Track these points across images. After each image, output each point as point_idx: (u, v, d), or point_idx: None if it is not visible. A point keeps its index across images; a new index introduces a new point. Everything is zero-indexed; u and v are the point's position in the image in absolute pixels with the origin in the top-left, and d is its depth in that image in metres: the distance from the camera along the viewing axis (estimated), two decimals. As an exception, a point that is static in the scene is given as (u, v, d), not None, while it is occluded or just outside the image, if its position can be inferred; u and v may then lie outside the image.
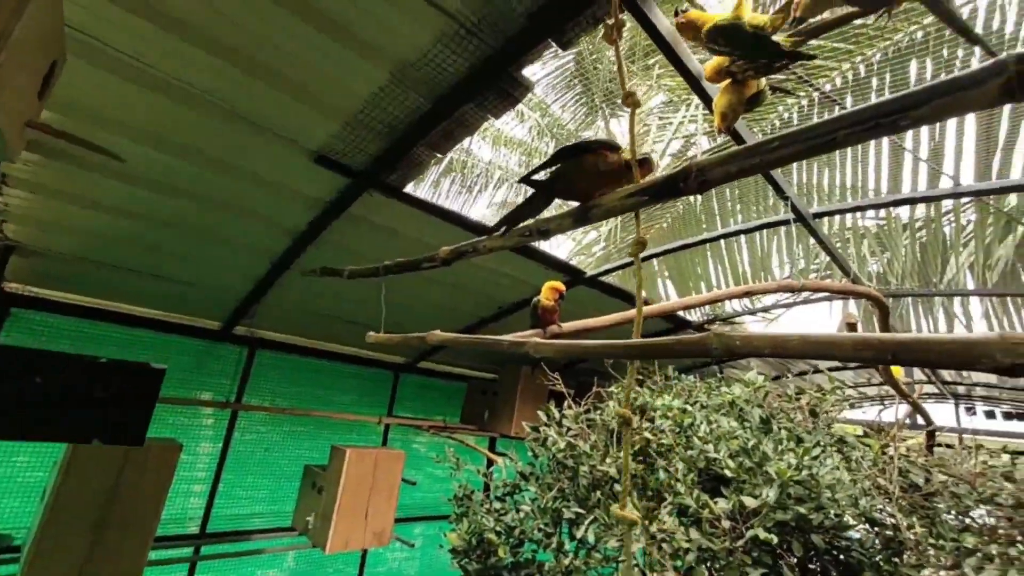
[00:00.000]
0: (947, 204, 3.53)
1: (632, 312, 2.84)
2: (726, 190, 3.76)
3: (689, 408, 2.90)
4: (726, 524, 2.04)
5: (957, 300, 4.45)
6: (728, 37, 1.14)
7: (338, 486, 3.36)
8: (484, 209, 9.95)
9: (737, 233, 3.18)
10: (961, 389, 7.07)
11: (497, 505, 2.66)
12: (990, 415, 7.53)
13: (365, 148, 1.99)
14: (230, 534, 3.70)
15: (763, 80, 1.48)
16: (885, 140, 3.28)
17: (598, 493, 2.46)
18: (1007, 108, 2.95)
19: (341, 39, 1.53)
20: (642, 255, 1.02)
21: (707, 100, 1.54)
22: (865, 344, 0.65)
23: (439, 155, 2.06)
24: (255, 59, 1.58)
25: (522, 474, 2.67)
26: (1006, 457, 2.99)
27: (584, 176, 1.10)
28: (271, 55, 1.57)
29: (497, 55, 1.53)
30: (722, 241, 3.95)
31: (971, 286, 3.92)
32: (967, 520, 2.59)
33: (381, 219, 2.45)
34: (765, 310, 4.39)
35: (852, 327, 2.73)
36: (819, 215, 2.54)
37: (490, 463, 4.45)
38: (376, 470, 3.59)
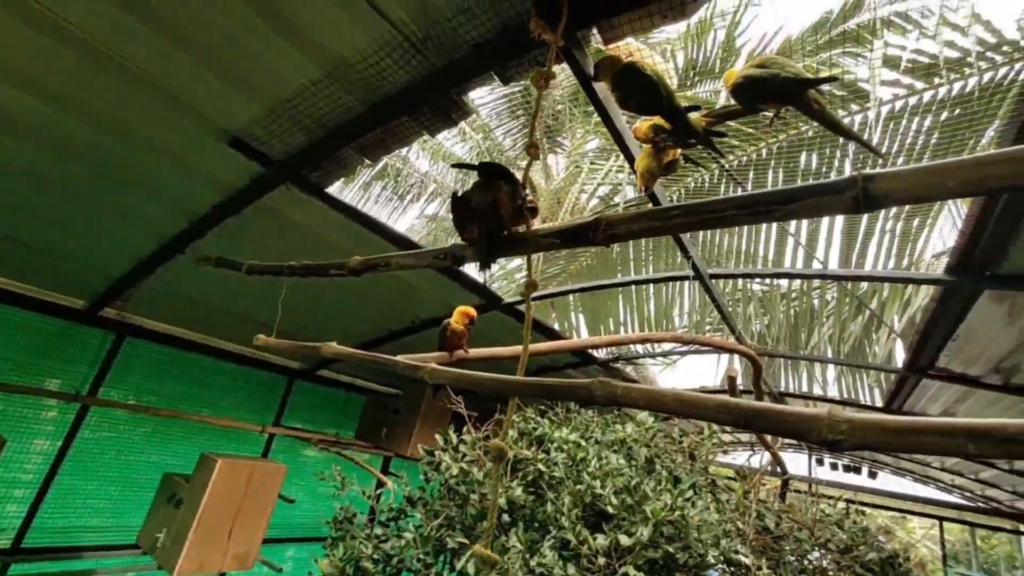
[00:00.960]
0: (816, 281, 4.08)
1: (539, 345, 2.90)
2: (642, 241, 4.05)
3: (583, 443, 3.00)
4: (601, 561, 2.10)
5: (817, 364, 5.12)
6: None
7: (201, 500, 3.00)
8: (414, 219, 9.78)
9: (646, 282, 3.41)
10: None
11: (379, 531, 2.52)
12: (834, 467, 8.63)
13: (288, 140, 1.88)
14: (53, 550, 3.13)
15: (679, 151, 1.63)
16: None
17: (485, 523, 2.43)
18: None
19: (279, 25, 1.44)
20: (560, 290, 1.05)
21: (629, 157, 1.66)
22: (725, 407, 0.71)
23: (369, 161, 2.00)
24: (181, 28, 1.45)
25: (409, 499, 2.57)
26: (841, 506, 3.43)
27: (502, 206, 1.12)
28: (200, 28, 1.45)
29: (439, 75, 1.53)
30: (633, 287, 4.21)
31: (829, 354, 4.54)
32: (805, 562, 2.92)
33: (297, 216, 2.30)
34: (664, 355, 4.71)
35: (732, 380, 3.01)
36: (715, 276, 2.81)
37: (380, 485, 4.24)
38: (250, 484, 3.26)
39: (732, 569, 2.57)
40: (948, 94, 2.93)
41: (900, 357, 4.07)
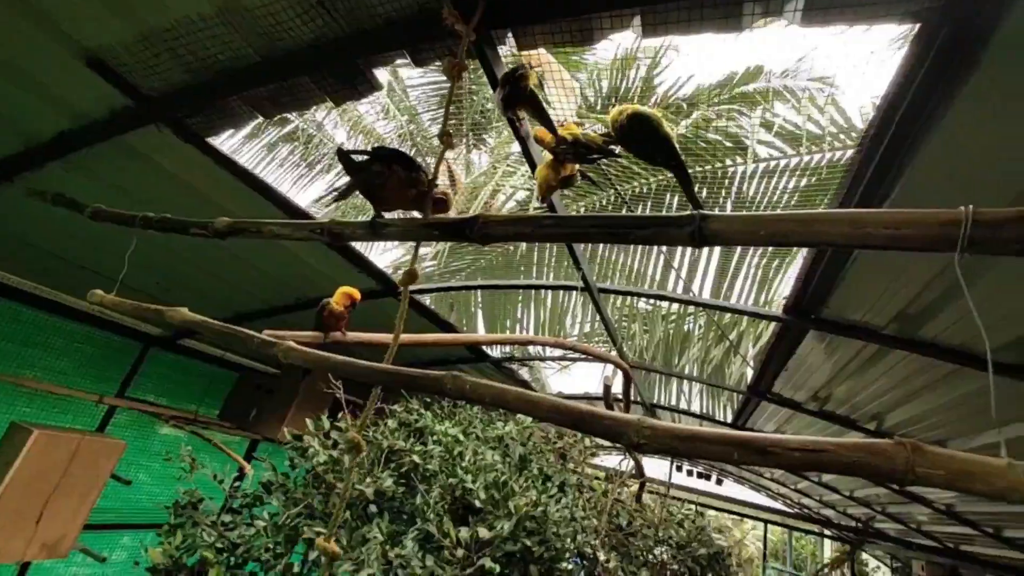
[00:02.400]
0: (691, 308, 4.55)
1: (419, 336, 2.88)
2: (546, 249, 4.20)
3: (463, 438, 3.04)
4: (460, 553, 2.14)
5: (685, 382, 5.70)
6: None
7: (4, 477, 2.53)
8: (321, 190, 9.15)
9: (539, 287, 3.54)
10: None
11: (227, 518, 2.32)
12: (690, 473, 9.66)
13: (164, 74, 1.66)
14: None
15: (577, 166, 1.71)
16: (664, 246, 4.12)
17: (348, 513, 2.35)
18: (738, 248, 4.01)
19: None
20: (464, 285, 1.04)
21: (532, 164, 1.71)
22: (556, 409, 0.76)
23: (261, 117, 1.83)
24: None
25: (265, 484, 2.40)
26: (689, 508, 3.85)
27: (390, 187, 1.09)
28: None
29: (347, 41, 1.45)
30: (532, 291, 4.35)
31: (695, 374, 5.09)
32: (650, 556, 3.23)
33: (169, 163, 2.04)
34: (554, 359, 4.93)
35: (607, 388, 3.24)
36: (604, 290, 3.01)
37: (242, 471, 3.91)
38: (74, 461, 2.82)
39: (585, 563, 2.77)
40: (808, 163, 3.44)
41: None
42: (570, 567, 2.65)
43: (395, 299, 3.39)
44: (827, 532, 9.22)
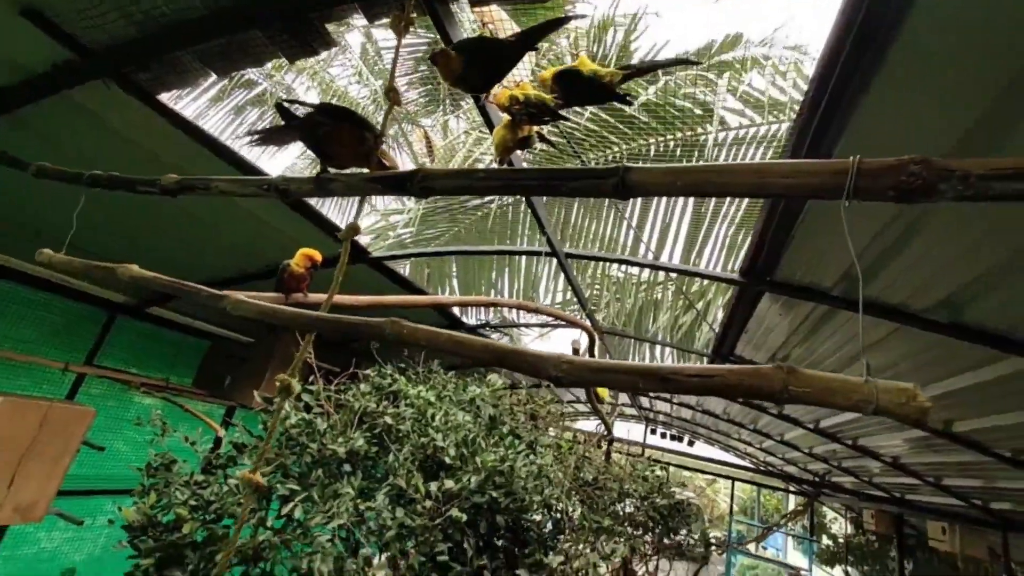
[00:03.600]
0: (661, 276, 4.66)
1: (382, 298, 2.90)
2: (520, 216, 4.22)
3: (435, 400, 3.12)
4: (428, 504, 2.24)
5: (658, 347, 5.88)
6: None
7: (-31, 443, 2.53)
8: (295, 158, 8.91)
9: (509, 253, 3.58)
10: (651, 415, 9.28)
11: (200, 478, 2.37)
12: (663, 436, 10.05)
13: (107, 27, 1.59)
14: None
15: (535, 127, 1.72)
16: (636, 212, 4.18)
17: (320, 471, 2.42)
18: (708, 216, 4.09)
19: None
20: (435, 251, 1.07)
21: (490, 125, 1.72)
22: (486, 348, 0.81)
23: (214, 73, 1.78)
24: None
25: (236, 445, 2.45)
26: (659, 470, 4.05)
27: (339, 143, 1.10)
28: None
29: (296, -6, 1.42)
30: (507, 259, 4.39)
31: (666, 339, 5.27)
32: (614, 508, 3.41)
33: (118, 121, 1.98)
34: (528, 325, 5.02)
35: (576, 350, 3.34)
36: (570, 255, 3.07)
37: (219, 440, 3.94)
38: (43, 428, 2.82)
39: (553, 514, 2.91)
40: (777, 131, 3.50)
41: (716, 345, 4.83)
42: (537, 518, 2.78)
43: (367, 266, 3.40)
44: (791, 488, 9.80)
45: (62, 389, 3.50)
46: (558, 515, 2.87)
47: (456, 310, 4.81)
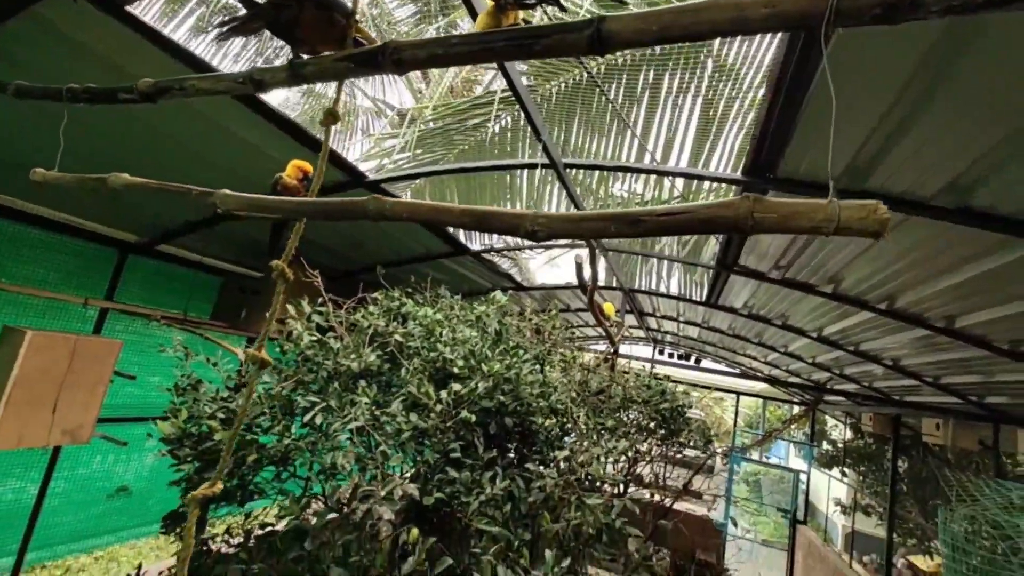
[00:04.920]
0: (666, 193, 4.56)
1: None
2: (520, 133, 4.08)
3: (442, 320, 3.21)
4: (439, 408, 2.38)
5: (664, 268, 5.89)
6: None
7: (9, 374, 2.70)
8: (288, 92, 8.57)
9: (506, 167, 3.51)
10: (658, 336, 9.49)
11: (225, 394, 2.54)
12: (671, 356, 10.32)
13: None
14: None
15: (521, 13, 1.62)
16: (640, 122, 4.00)
17: (336, 384, 2.56)
18: (715, 124, 3.91)
19: None
20: (431, 171, 1.05)
21: (472, 11, 1.62)
22: (466, 213, 0.82)
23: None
24: None
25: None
26: (662, 385, 4.19)
27: (306, 26, 1.06)
28: None
29: None
30: (508, 179, 4.31)
31: (673, 253, 5.27)
32: (619, 413, 3.60)
33: (88, 37, 1.90)
34: (531, 247, 5.02)
35: (579, 265, 3.37)
36: (569, 166, 3.00)
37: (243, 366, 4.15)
38: (75, 359, 2.99)
39: (558, 417, 3.08)
40: None
41: (721, 259, 4.81)
42: (543, 421, 2.94)
43: (364, 190, 3.38)
44: (794, 399, 10.17)
45: (87, 326, 3.66)
46: (564, 419, 3.04)
47: (462, 236, 4.82)
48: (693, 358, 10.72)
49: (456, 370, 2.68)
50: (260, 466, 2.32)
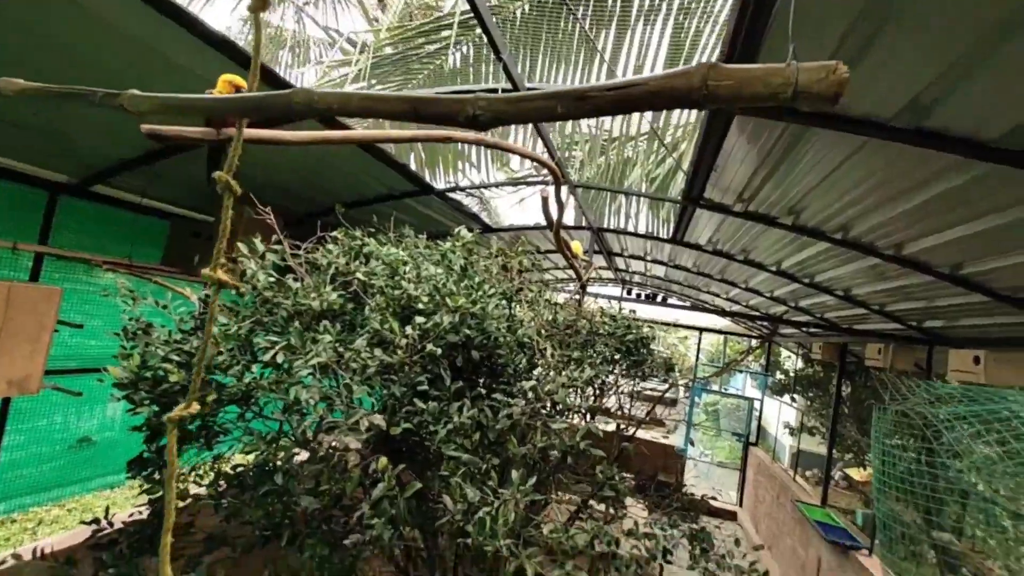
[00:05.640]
0: (634, 129, 4.47)
1: (329, 133, 2.74)
2: (484, 65, 3.84)
3: (406, 257, 3.13)
4: (403, 342, 2.36)
5: (633, 205, 5.88)
6: None
7: (-64, 323, 2.51)
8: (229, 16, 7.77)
9: (466, 91, 3.32)
10: (626, 276, 9.67)
11: (178, 336, 2.44)
12: (638, 297, 10.57)
13: None
14: None
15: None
16: (609, 47, 3.82)
17: (297, 323, 2.49)
18: (687, 47, 3.77)
19: None
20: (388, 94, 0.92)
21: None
22: (404, 100, 0.74)
23: None
24: None
25: (205, 301, 2.48)
26: (624, 316, 4.27)
27: None
28: None
29: None
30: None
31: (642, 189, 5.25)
32: (584, 346, 3.68)
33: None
34: (497, 185, 4.90)
35: (545, 200, 3.30)
36: (531, 90, 2.85)
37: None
38: (11, 307, 2.80)
39: (525, 351, 3.13)
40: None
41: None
42: (510, 354, 2.96)
43: (315, 122, 3.14)
44: (752, 333, 10.71)
45: (22, 275, 3.41)
46: (531, 352, 3.08)
47: (427, 175, 4.63)
48: (659, 297, 11.05)
49: (421, 306, 2.65)
50: (221, 406, 2.28)
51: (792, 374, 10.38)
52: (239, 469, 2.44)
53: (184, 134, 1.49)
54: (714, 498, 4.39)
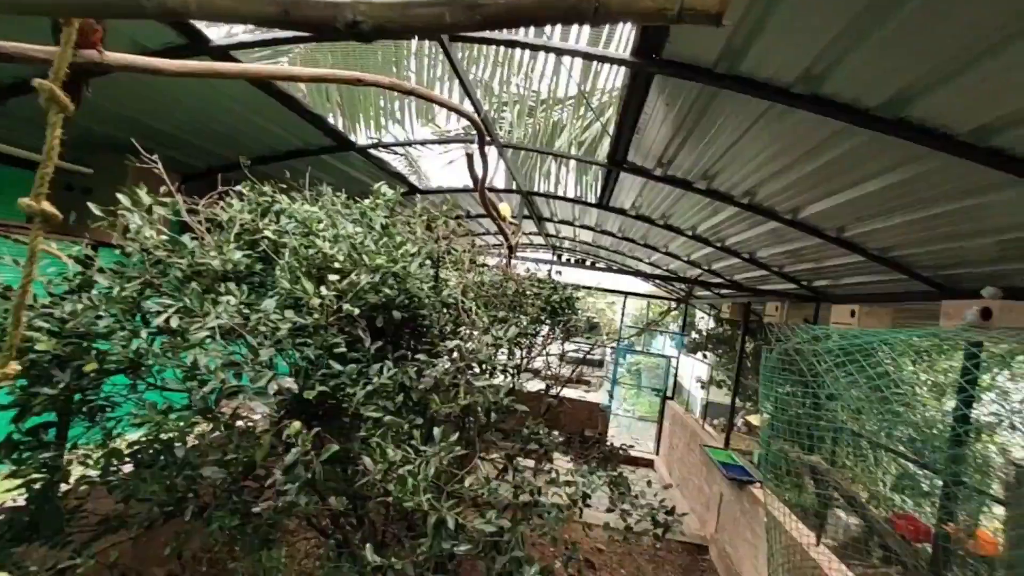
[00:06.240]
0: (562, 92, 4.46)
1: (217, 65, 2.44)
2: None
3: (321, 214, 2.93)
4: (315, 302, 2.23)
5: (562, 170, 5.92)
6: None
7: None
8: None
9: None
10: (557, 242, 9.85)
11: (46, 301, 2.12)
12: (568, 262, 10.83)
13: None
14: None
15: None
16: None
17: (194, 284, 2.26)
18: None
19: None
20: (302, 35, 0.76)
21: None
22: (275, 1, 0.65)
23: None
24: None
25: (80, 260, 2.18)
26: (550, 277, 4.34)
27: None
28: None
29: None
30: (394, 64, 3.84)
31: (569, 161, 5.29)
32: (511, 306, 3.71)
33: None
34: (423, 143, 4.72)
35: (470, 156, 3.22)
36: (456, 39, 2.72)
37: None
38: None
39: (450, 311, 3.08)
40: None
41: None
42: (434, 315, 2.91)
43: (209, 58, 2.80)
44: (670, 296, 11.46)
45: None
46: (456, 313, 3.04)
47: (341, 127, 4.32)
48: (588, 263, 11.42)
49: (338, 265, 2.50)
50: (104, 376, 2.04)
51: (704, 333, 11.28)
52: (136, 448, 2.23)
53: (29, 53, 1.23)
54: (631, 447, 4.77)
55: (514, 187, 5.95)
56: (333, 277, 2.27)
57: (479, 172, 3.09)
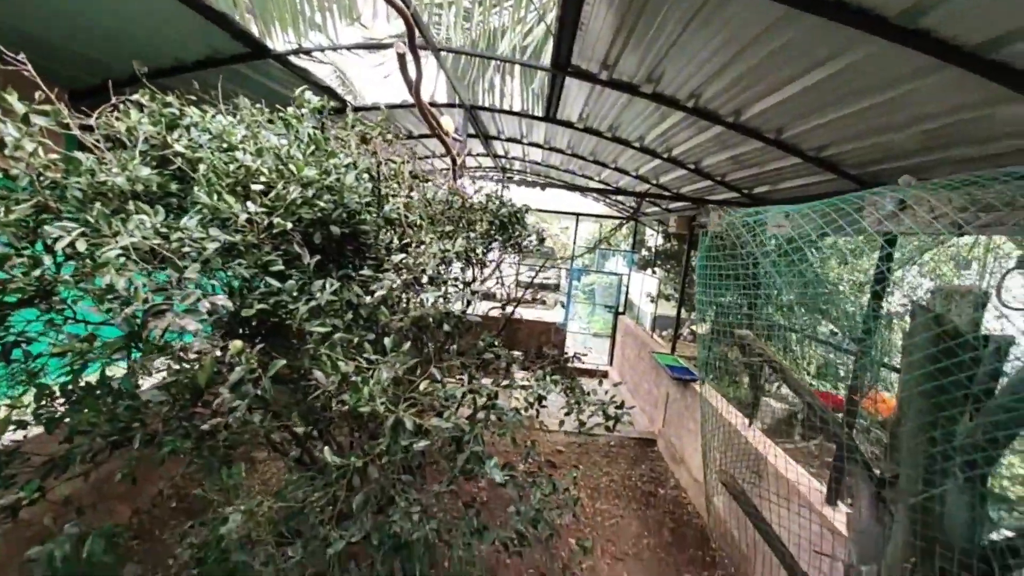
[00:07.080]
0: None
1: None
2: None
3: (242, 129, 2.66)
4: (243, 218, 2.08)
5: (506, 75, 5.59)
6: None
7: None
8: None
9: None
10: (506, 163, 9.59)
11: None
12: (519, 184, 10.63)
13: None
14: None
15: None
16: None
17: (98, 205, 2.03)
18: None
19: None
20: None
21: None
22: None
23: None
24: None
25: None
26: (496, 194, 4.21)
27: None
28: None
29: None
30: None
31: (515, 68, 4.98)
32: (458, 221, 3.63)
33: None
34: (350, 47, 4.30)
35: (401, 56, 2.95)
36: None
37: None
38: None
39: (395, 227, 2.97)
40: None
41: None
42: (377, 231, 2.79)
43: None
44: (622, 216, 11.61)
45: None
46: (401, 229, 2.94)
47: (255, 30, 3.83)
48: (538, 186, 11.27)
49: (264, 179, 2.31)
50: (7, 309, 1.86)
51: (653, 250, 11.66)
52: (69, 387, 2.10)
53: None
54: (585, 355, 5.07)
55: (456, 101, 5.61)
56: (256, 188, 2.10)
57: (413, 75, 2.84)
